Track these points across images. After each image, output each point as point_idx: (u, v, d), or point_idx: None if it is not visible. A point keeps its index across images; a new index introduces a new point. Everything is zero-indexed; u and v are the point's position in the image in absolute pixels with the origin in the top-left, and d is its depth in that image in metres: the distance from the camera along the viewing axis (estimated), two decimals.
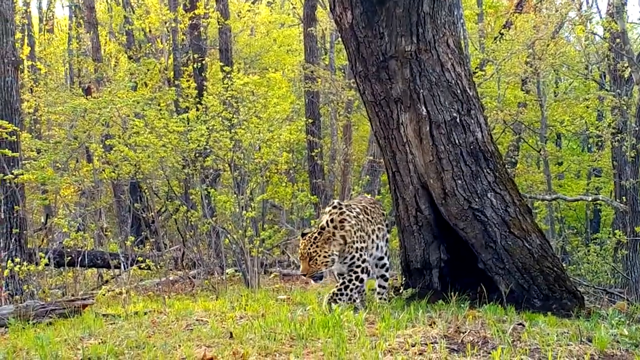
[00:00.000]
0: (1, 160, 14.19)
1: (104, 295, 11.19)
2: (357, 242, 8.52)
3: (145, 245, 17.09)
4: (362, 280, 8.53)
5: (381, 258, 9.31)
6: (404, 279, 10.00)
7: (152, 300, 10.75)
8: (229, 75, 17.36)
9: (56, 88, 26.76)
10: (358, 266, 8.49)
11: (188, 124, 15.44)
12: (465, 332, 6.64)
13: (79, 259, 14.22)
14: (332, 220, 8.39)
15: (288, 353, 5.94)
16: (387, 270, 9.40)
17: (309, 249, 8.18)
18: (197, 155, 15.36)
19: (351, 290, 8.41)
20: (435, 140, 9.15)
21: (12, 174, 13.68)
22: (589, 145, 33.23)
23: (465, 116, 9.19)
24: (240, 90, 16.61)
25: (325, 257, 8.17)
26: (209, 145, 15.06)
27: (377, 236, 9.10)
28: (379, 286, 9.42)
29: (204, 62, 23.88)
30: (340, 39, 13.68)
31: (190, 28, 24.27)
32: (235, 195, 14.07)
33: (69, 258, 14.21)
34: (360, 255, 8.54)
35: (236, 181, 14.95)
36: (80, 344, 6.54)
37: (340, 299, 8.30)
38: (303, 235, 8.45)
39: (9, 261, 12.24)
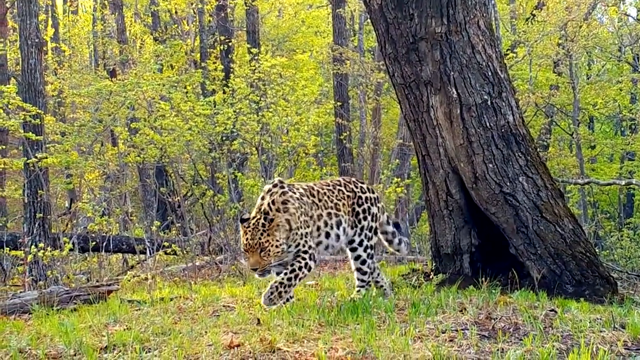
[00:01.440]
0: (25, 143, 14.20)
1: (129, 280, 11.11)
2: (301, 227, 7.40)
3: (171, 230, 17.04)
4: (310, 269, 7.40)
5: (354, 249, 8.23)
6: (434, 264, 9.93)
7: (178, 286, 10.70)
8: (256, 58, 17.35)
9: (81, 70, 26.91)
10: (305, 252, 7.39)
11: (214, 106, 15.41)
12: (497, 318, 6.61)
13: (104, 244, 14.21)
14: (273, 202, 7.28)
15: (316, 339, 5.88)
16: (363, 264, 8.19)
17: (260, 238, 7.05)
18: (223, 138, 15.33)
19: (299, 279, 7.34)
20: (465, 123, 9.03)
21: (36, 157, 13.70)
22: (622, 129, 32.89)
23: (497, 99, 9.06)
24: (267, 72, 16.60)
25: (277, 246, 7.10)
26: (236, 129, 15.04)
27: (325, 222, 7.85)
28: (357, 279, 8.29)
29: (230, 44, 23.87)
30: (369, 20, 13.51)
31: (217, 9, 24.30)
32: (262, 179, 13.99)
33: (94, 243, 14.20)
34: (306, 242, 7.42)
35: (264, 165, 14.90)
36: (105, 330, 6.52)
37: (282, 295, 7.21)
38: (243, 221, 7.28)
39: (33, 246, 12.23)
